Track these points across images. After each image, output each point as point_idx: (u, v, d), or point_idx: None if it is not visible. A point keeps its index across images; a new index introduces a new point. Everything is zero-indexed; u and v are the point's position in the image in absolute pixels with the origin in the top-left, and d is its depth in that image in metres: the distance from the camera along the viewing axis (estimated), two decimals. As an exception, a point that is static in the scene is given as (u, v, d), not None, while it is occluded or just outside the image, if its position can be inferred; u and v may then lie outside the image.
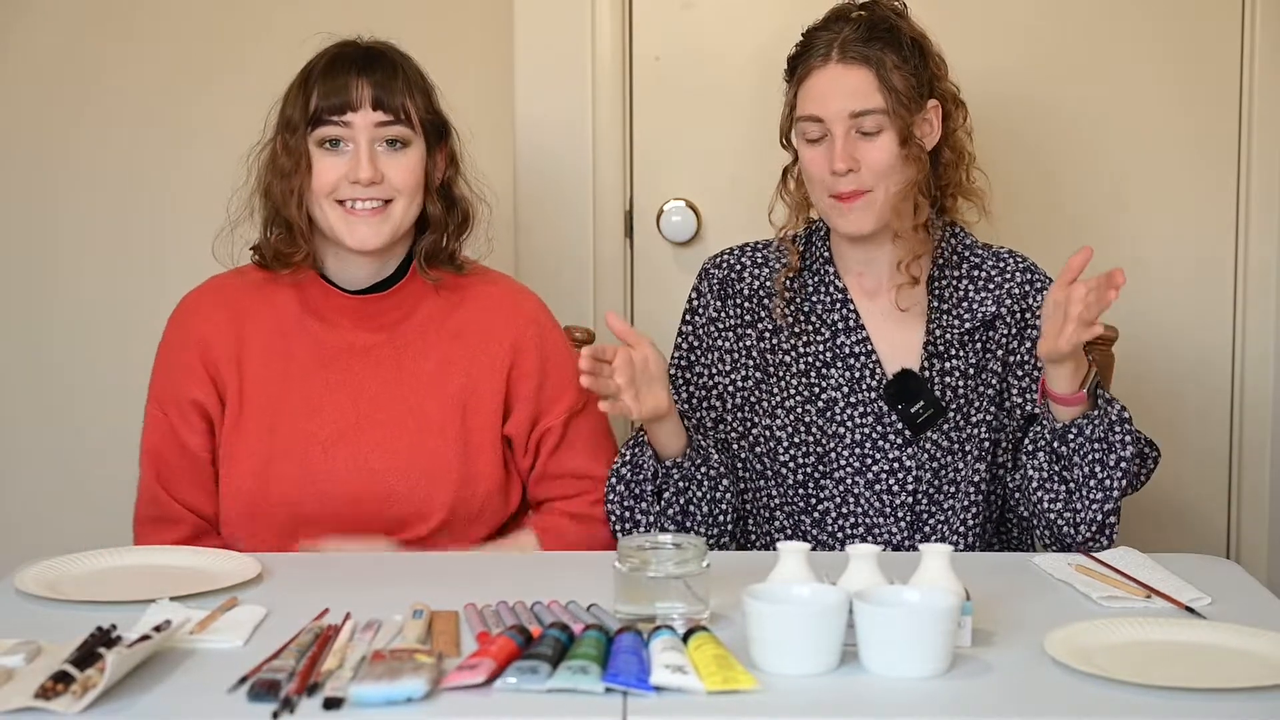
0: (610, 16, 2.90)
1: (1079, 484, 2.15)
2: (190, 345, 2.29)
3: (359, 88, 2.24)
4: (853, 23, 2.26)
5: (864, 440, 2.28)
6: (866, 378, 2.28)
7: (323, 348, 2.29)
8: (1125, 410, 2.16)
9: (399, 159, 2.26)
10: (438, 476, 2.25)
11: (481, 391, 2.29)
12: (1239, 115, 2.91)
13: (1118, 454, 2.13)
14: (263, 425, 2.26)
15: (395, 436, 2.26)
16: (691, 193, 2.93)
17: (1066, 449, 2.15)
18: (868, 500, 2.28)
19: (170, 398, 2.29)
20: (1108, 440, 2.13)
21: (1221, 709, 1.56)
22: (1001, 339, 2.30)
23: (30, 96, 3.03)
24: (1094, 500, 2.15)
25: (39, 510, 3.08)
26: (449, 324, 2.31)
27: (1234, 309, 2.95)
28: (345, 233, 2.25)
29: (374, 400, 2.27)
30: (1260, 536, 2.98)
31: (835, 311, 2.31)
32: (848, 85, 2.23)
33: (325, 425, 2.25)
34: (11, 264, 3.07)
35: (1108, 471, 2.14)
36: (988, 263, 2.33)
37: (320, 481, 2.24)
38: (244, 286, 2.33)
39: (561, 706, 1.56)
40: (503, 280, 2.41)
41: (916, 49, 2.27)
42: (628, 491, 2.22)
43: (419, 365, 2.29)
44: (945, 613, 1.64)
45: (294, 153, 2.25)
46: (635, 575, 1.78)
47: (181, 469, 2.28)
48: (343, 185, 2.24)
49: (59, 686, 1.54)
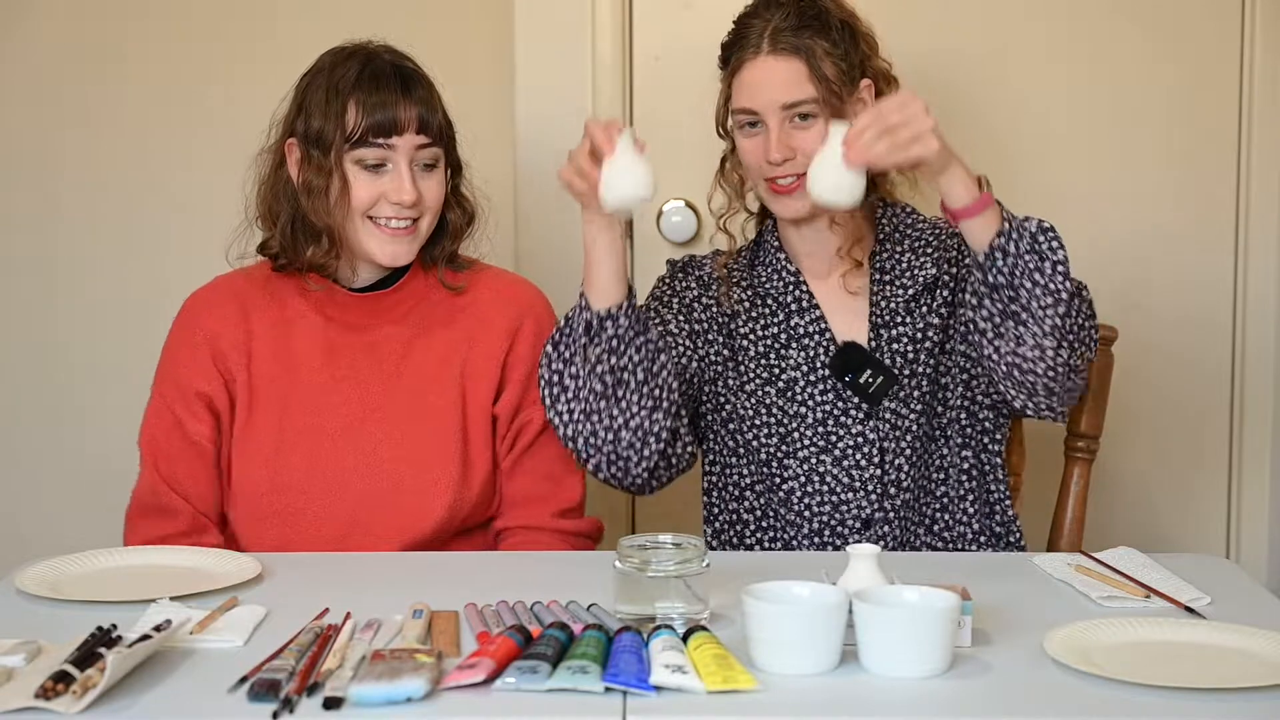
0: (610, 16, 2.90)
1: (1025, 305, 2.05)
2: (199, 339, 2.30)
3: (404, 109, 2.24)
4: (782, 9, 2.28)
5: (825, 418, 2.31)
6: (822, 355, 2.32)
7: (329, 343, 2.31)
8: (1045, 220, 2.08)
9: (433, 178, 2.28)
10: (442, 463, 2.26)
11: (478, 376, 2.31)
12: (1239, 115, 2.91)
13: (1051, 260, 2.04)
14: (271, 418, 2.28)
15: (401, 428, 2.27)
16: (691, 193, 2.93)
17: (1001, 277, 2.05)
18: (834, 476, 2.30)
19: (176, 389, 2.29)
20: (1037, 250, 2.04)
21: (1221, 709, 1.56)
22: (943, 297, 2.31)
23: (34, 97, 3.03)
24: (1045, 308, 2.05)
25: (39, 510, 3.08)
26: (452, 317, 2.34)
27: (1234, 309, 2.95)
28: (377, 250, 2.27)
29: (380, 393, 2.29)
30: (1260, 536, 2.98)
31: (789, 294, 2.35)
32: (779, 77, 2.26)
33: (332, 419, 2.27)
34: (15, 264, 3.07)
35: (1047, 279, 2.04)
36: (926, 232, 2.36)
37: (329, 472, 2.25)
38: (250, 283, 2.35)
39: (561, 706, 1.56)
40: (503, 273, 2.44)
41: (846, 31, 2.30)
42: (556, 354, 2.19)
43: (423, 357, 2.31)
44: (945, 613, 1.65)
45: (325, 170, 2.24)
46: (635, 575, 1.78)
47: (183, 460, 2.28)
48: (381, 204, 2.25)
49: (59, 686, 1.54)
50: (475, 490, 2.29)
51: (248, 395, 2.29)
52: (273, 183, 2.32)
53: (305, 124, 2.26)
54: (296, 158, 2.28)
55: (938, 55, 2.81)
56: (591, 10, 2.90)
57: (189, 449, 2.28)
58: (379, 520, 2.24)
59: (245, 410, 2.29)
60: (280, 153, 2.31)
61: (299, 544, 2.23)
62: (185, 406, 2.28)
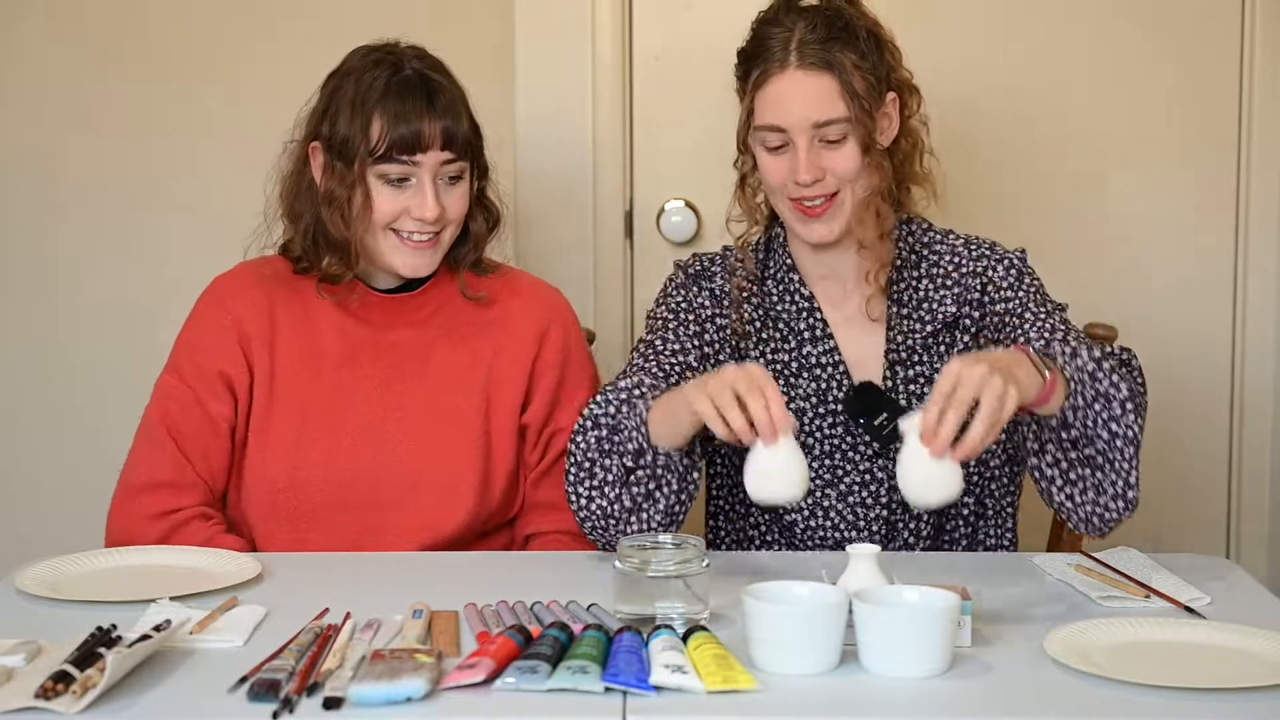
0: (610, 16, 2.90)
1: (1104, 452, 1.98)
2: (225, 321, 2.29)
3: (429, 125, 2.21)
4: (806, 18, 2.15)
5: (833, 451, 2.22)
6: (834, 388, 2.22)
7: (352, 341, 2.30)
8: (1082, 349, 1.98)
9: (456, 191, 2.27)
10: (463, 467, 2.26)
11: (504, 381, 2.30)
12: (1239, 115, 2.92)
13: (1120, 397, 1.95)
14: (292, 411, 2.27)
15: (422, 428, 2.27)
16: (691, 193, 2.93)
17: (1074, 431, 1.98)
18: (839, 512, 2.21)
19: (195, 369, 2.28)
20: (1102, 394, 1.96)
21: (1221, 709, 1.56)
22: (963, 342, 2.22)
23: (34, 97, 3.03)
24: (1125, 459, 1.97)
25: (39, 510, 3.08)
26: (476, 320, 2.33)
27: (1234, 309, 2.95)
28: (399, 262, 2.26)
29: (402, 393, 2.28)
30: (1260, 536, 2.98)
31: (801, 320, 2.24)
32: (809, 93, 2.13)
33: (354, 416, 2.27)
34: (15, 264, 3.07)
35: (1122, 425, 1.96)
36: (945, 258, 2.25)
37: (347, 469, 2.24)
38: (275, 275, 2.34)
39: (561, 706, 1.56)
40: (527, 277, 2.43)
41: (873, 42, 2.17)
42: (598, 448, 2.05)
43: (447, 359, 2.31)
44: (945, 613, 1.65)
45: (348, 182, 2.23)
46: (635, 575, 1.78)
47: (200, 438, 2.25)
48: (404, 219, 2.24)
49: (59, 686, 1.54)
50: (497, 496, 2.28)
51: (268, 386, 2.28)
52: (296, 181, 2.30)
53: (330, 129, 2.25)
54: (320, 162, 2.27)
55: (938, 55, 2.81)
56: (591, 10, 2.90)
57: (207, 427, 2.26)
58: (395, 521, 2.24)
59: (264, 401, 2.28)
60: (305, 152, 2.29)
61: (315, 542, 2.23)
62: (206, 386, 2.27)
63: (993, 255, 2.24)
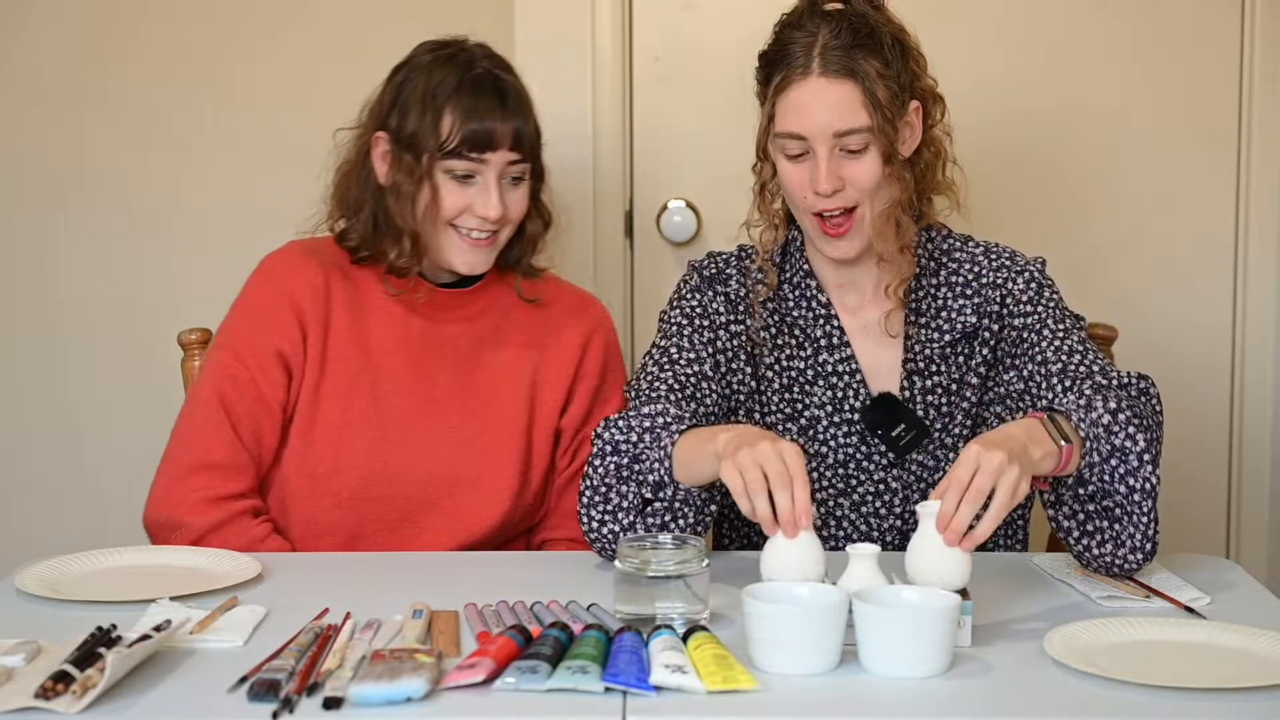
0: (610, 16, 2.90)
1: (1121, 505, 1.96)
2: (281, 298, 2.27)
3: (502, 125, 2.22)
4: (831, 23, 2.11)
5: (847, 461, 2.19)
6: (850, 397, 2.19)
7: (404, 332, 2.30)
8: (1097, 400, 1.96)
9: (518, 192, 2.28)
10: (504, 466, 2.27)
11: (548, 385, 2.32)
12: (1239, 115, 2.91)
13: (1136, 450, 1.94)
14: (339, 396, 2.26)
15: (466, 424, 2.27)
16: (691, 193, 2.93)
17: (1091, 486, 1.96)
18: (851, 522, 2.20)
19: (252, 348, 2.26)
20: (1118, 449, 1.94)
21: (1221, 709, 1.56)
22: (982, 355, 2.20)
23: (34, 97, 3.03)
24: (1144, 511, 1.95)
25: (39, 510, 3.08)
26: (524, 321, 2.34)
27: (1234, 308, 2.95)
28: (456, 258, 2.27)
29: (449, 388, 2.29)
30: (1260, 536, 2.98)
31: (818, 327, 2.21)
32: (831, 101, 2.09)
33: (399, 407, 2.27)
34: (15, 265, 3.06)
35: (1139, 479, 1.94)
36: (965, 266, 2.22)
37: (390, 460, 2.24)
38: (328, 258, 2.32)
39: (561, 706, 1.56)
40: (570, 285, 2.45)
41: (898, 49, 2.13)
42: (616, 474, 2.04)
43: (495, 357, 2.32)
44: (945, 613, 1.65)
45: (416, 176, 2.23)
46: (635, 575, 1.78)
47: (251, 419, 2.23)
48: (466, 215, 2.24)
49: (59, 686, 1.54)
50: (530, 500, 2.30)
51: (319, 367, 2.26)
52: (358, 172, 2.30)
53: (399, 123, 2.25)
54: (383, 152, 2.27)
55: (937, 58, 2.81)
56: (591, 10, 2.90)
57: (260, 407, 2.24)
58: (431, 518, 2.24)
59: (314, 381, 2.26)
60: (366, 142, 2.29)
61: (347, 526, 2.22)
62: (260, 368, 2.25)
63: (1013, 266, 2.22)
